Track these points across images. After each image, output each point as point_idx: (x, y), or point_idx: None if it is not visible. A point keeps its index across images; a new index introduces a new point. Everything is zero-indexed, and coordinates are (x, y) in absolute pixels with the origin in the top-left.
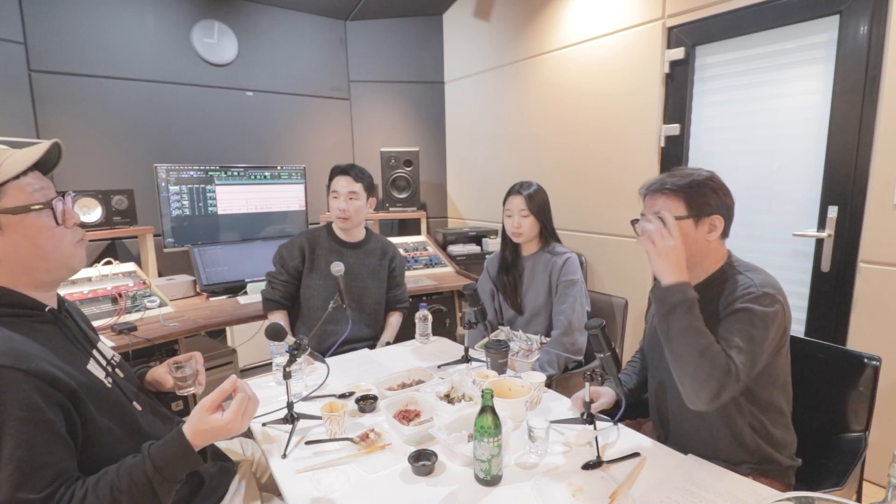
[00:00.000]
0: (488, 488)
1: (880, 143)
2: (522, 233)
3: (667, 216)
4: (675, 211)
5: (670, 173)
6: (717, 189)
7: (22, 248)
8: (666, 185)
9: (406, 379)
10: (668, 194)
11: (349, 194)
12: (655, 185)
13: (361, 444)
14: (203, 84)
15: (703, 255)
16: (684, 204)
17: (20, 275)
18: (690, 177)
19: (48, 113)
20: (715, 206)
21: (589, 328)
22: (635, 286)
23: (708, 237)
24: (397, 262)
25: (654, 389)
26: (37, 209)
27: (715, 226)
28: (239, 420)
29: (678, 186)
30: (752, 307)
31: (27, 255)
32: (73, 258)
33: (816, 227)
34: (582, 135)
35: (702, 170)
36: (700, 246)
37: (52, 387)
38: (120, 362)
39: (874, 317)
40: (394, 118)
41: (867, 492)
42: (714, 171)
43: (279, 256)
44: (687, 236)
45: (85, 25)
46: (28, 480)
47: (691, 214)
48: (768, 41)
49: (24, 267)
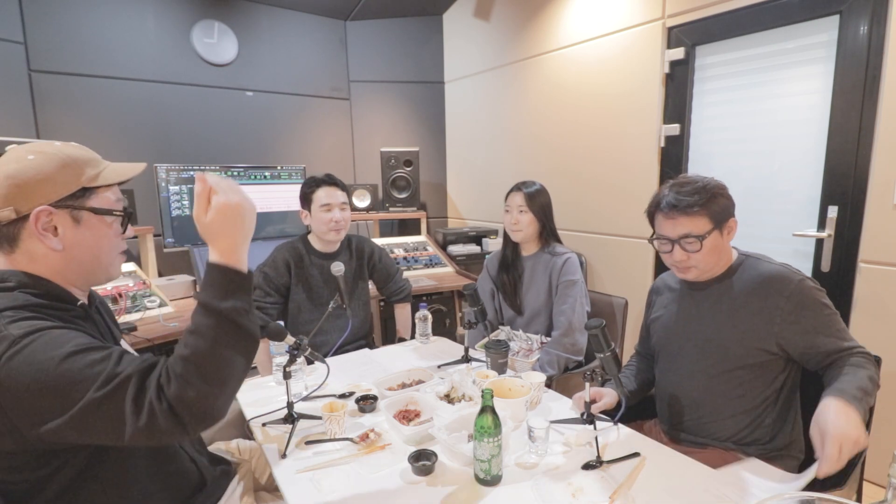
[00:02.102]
0: (488, 488)
1: (880, 143)
2: (521, 229)
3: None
4: (701, 228)
5: (677, 187)
6: (725, 194)
7: (86, 245)
8: (684, 203)
9: (406, 379)
10: (692, 214)
11: (341, 205)
12: (669, 205)
13: (361, 444)
14: (203, 84)
15: (725, 253)
16: (708, 219)
17: (69, 269)
18: (703, 188)
19: (48, 113)
20: (728, 209)
21: (589, 328)
22: (635, 286)
23: (728, 239)
24: (377, 256)
25: (666, 382)
26: (116, 215)
27: (732, 228)
28: (225, 194)
29: (700, 204)
30: (812, 294)
31: (87, 252)
32: (115, 267)
33: (816, 227)
34: (582, 135)
35: (704, 177)
36: (724, 248)
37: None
38: None
39: (874, 317)
40: (394, 118)
41: (867, 492)
42: (718, 181)
43: (263, 278)
44: (716, 247)
45: (85, 25)
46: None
47: (716, 226)
48: (768, 41)
49: (78, 262)
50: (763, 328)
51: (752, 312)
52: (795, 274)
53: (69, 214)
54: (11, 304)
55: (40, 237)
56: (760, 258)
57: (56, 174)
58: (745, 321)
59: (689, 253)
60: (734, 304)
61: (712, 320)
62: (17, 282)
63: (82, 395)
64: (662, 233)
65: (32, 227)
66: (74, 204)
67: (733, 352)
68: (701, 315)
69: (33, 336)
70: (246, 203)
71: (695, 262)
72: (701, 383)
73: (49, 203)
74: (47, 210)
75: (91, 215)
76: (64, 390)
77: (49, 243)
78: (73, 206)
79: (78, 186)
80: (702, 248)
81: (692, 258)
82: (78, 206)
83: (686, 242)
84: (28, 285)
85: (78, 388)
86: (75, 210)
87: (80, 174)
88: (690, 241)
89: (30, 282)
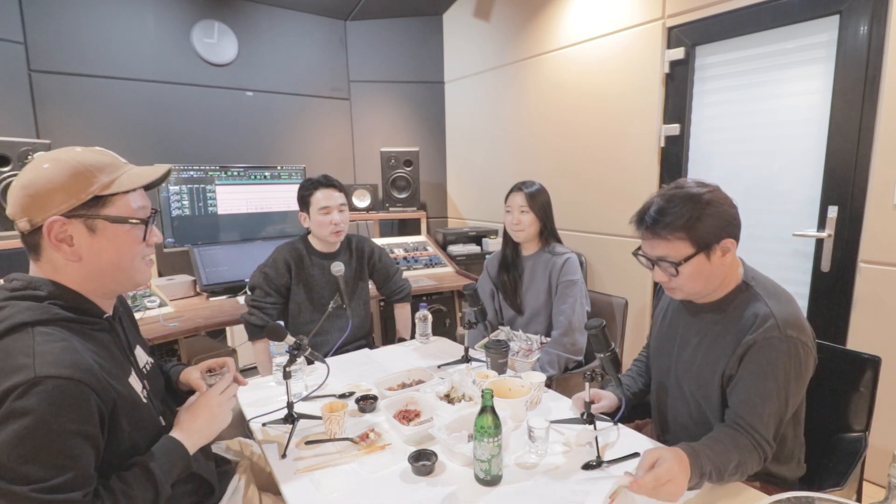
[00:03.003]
0: (488, 488)
1: (880, 143)
2: (522, 229)
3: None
4: (679, 252)
5: (663, 200)
6: (718, 209)
7: (105, 254)
8: (660, 225)
9: (406, 379)
10: (667, 238)
11: (340, 206)
12: (648, 222)
13: (361, 444)
14: (203, 84)
15: (721, 277)
16: (688, 242)
17: (91, 279)
18: (689, 206)
19: (48, 113)
20: (721, 228)
21: (589, 328)
22: (635, 286)
23: (723, 261)
24: (376, 256)
25: (654, 393)
26: (133, 223)
27: (727, 248)
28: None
29: (678, 226)
30: (774, 356)
31: (107, 261)
32: (140, 274)
33: (816, 227)
34: (582, 135)
35: (699, 189)
36: (716, 271)
37: (101, 400)
38: (150, 372)
39: (874, 317)
40: (394, 118)
41: (867, 492)
42: (718, 187)
43: (263, 278)
44: (700, 272)
45: (85, 25)
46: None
47: (699, 250)
48: (768, 41)
49: (99, 271)
50: (722, 367)
51: (723, 352)
52: (781, 327)
53: (83, 224)
54: (43, 316)
55: (55, 247)
56: (762, 294)
57: (66, 183)
58: (715, 360)
59: (670, 276)
60: (714, 338)
61: (696, 350)
62: (48, 292)
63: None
64: (642, 249)
65: (46, 238)
66: (87, 213)
67: (701, 389)
68: (686, 341)
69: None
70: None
71: (676, 284)
72: (685, 409)
73: (61, 213)
74: (60, 220)
75: (107, 224)
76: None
77: (65, 253)
78: (86, 215)
79: (89, 196)
80: (678, 273)
81: (673, 281)
82: (91, 216)
83: (663, 265)
84: (57, 296)
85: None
86: (89, 219)
87: (90, 183)
88: (666, 265)
89: (58, 292)
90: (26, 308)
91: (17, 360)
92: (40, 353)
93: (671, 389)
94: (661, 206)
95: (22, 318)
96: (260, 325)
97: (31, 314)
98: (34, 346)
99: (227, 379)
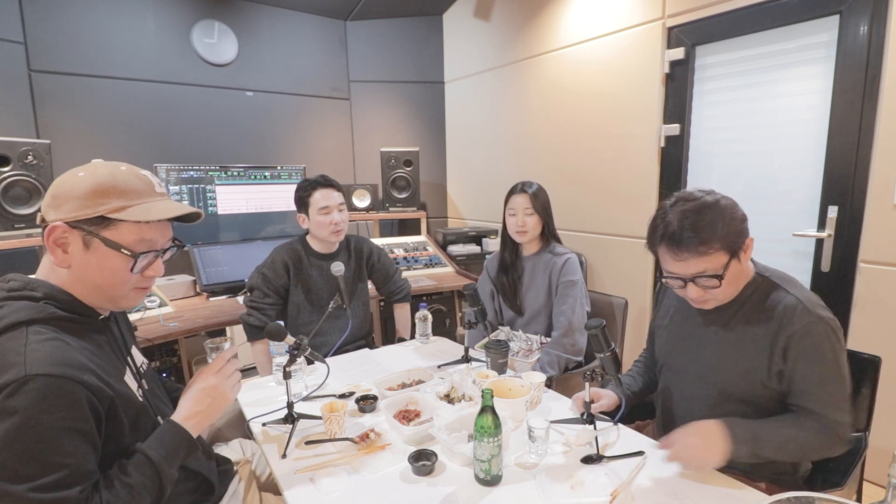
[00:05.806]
0: (488, 488)
1: (880, 143)
2: (527, 231)
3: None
4: (718, 263)
5: (681, 217)
6: (734, 212)
7: (91, 272)
8: (695, 242)
9: (406, 379)
10: (704, 254)
11: (339, 206)
12: (674, 242)
13: (361, 444)
14: (203, 84)
15: (744, 272)
16: (724, 251)
17: (78, 286)
18: (712, 215)
19: (48, 113)
20: (744, 230)
21: (589, 328)
22: (635, 286)
23: (746, 259)
24: (375, 256)
25: (666, 398)
26: (125, 254)
27: (749, 246)
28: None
29: (713, 239)
30: (818, 340)
31: (91, 279)
32: (126, 301)
33: (816, 227)
34: (582, 135)
35: (711, 199)
36: (743, 270)
37: (96, 397)
38: (146, 371)
39: (874, 317)
40: (394, 118)
41: (867, 492)
42: (726, 196)
43: (261, 279)
44: (735, 276)
45: (85, 25)
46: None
47: (732, 255)
48: (768, 41)
49: (83, 283)
50: (765, 363)
51: (758, 346)
52: (812, 311)
53: (81, 237)
54: (38, 315)
55: (51, 249)
56: (779, 283)
57: (83, 195)
58: (750, 355)
59: (707, 289)
60: (741, 334)
61: (716, 348)
62: (44, 293)
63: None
64: (672, 270)
65: (47, 238)
66: (88, 228)
67: (735, 385)
68: (705, 340)
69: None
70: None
71: (713, 295)
72: (701, 411)
73: (66, 221)
74: (63, 227)
75: (101, 244)
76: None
77: (58, 257)
78: (85, 229)
79: (96, 213)
80: (721, 284)
81: (710, 292)
82: (90, 232)
83: (702, 281)
84: (52, 297)
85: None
86: (87, 235)
87: (103, 202)
88: (706, 279)
89: (54, 293)
90: (22, 308)
91: (8, 359)
92: (31, 351)
93: (686, 390)
94: (690, 223)
95: (17, 318)
96: (258, 325)
97: (27, 313)
98: (26, 344)
99: (223, 356)
